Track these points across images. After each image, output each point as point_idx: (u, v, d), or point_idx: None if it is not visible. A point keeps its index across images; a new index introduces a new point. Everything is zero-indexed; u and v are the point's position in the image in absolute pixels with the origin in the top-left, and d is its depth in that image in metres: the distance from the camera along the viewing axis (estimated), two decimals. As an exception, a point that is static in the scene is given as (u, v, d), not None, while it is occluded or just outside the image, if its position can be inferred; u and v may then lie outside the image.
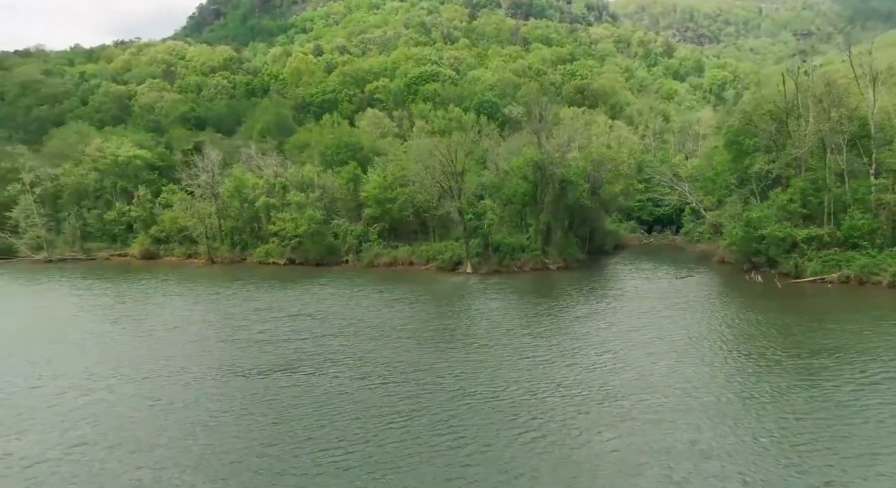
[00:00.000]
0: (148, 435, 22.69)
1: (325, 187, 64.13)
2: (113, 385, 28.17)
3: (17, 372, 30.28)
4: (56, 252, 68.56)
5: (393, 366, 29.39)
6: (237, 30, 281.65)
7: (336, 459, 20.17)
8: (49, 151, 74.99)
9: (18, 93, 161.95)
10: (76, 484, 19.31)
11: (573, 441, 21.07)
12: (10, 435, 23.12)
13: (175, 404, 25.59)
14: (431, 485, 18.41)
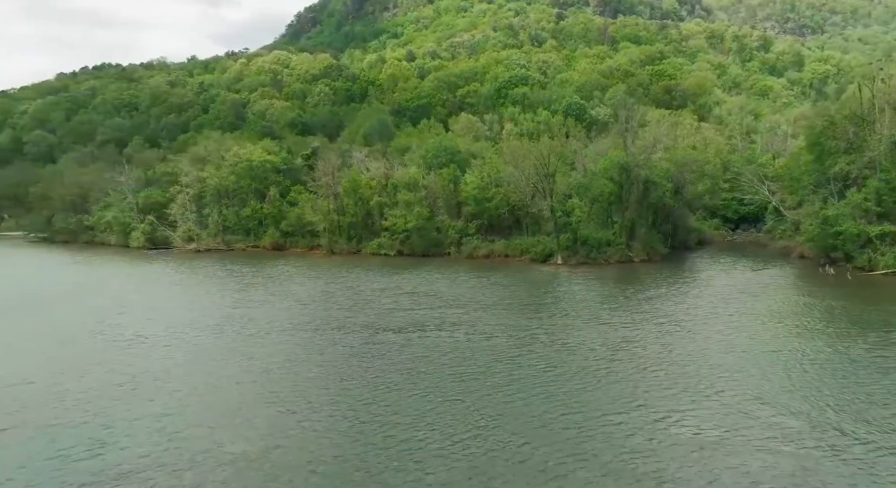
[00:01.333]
0: (336, 362, 31.89)
1: (428, 187, 73.19)
2: (288, 332, 37.93)
3: (215, 329, 40.83)
4: (203, 243, 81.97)
5: (496, 327, 37.50)
6: (332, 36, 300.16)
7: (462, 384, 28.37)
8: (192, 156, 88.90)
9: (150, 103, 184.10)
10: (272, 400, 28.55)
11: (634, 371, 28.18)
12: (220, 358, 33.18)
13: (337, 346, 34.79)
14: (530, 397, 26.12)
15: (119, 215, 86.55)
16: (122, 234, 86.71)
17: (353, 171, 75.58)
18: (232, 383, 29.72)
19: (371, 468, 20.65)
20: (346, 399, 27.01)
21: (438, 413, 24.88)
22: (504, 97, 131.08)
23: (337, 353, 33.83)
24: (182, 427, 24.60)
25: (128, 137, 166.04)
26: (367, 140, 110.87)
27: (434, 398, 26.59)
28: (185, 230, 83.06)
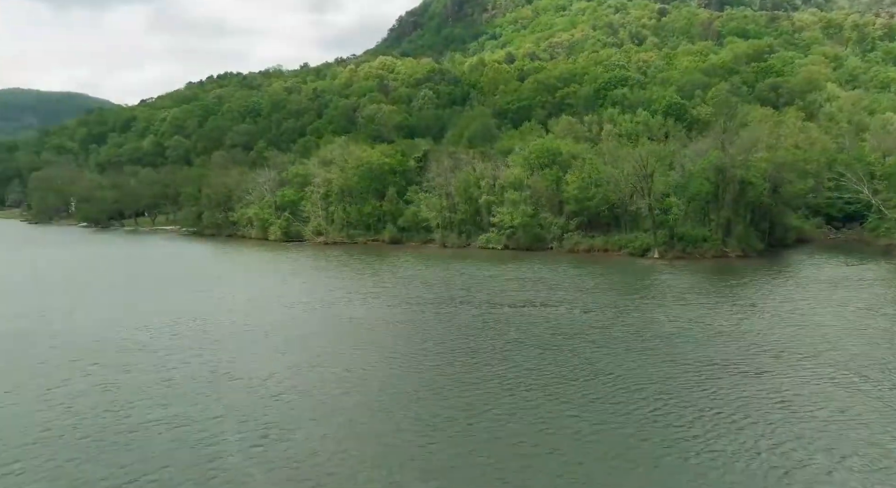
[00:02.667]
0: (464, 325, 40.46)
1: (532, 187, 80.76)
2: (421, 304, 47.02)
3: (364, 301, 50.74)
4: (330, 237, 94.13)
5: (593, 304, 44.82)
6: (433, 39, 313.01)
7: (564, 341, 35.95)
8: (321, 159, 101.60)
9: (270, 109, 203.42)
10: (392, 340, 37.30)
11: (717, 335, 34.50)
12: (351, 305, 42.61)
13: (462, 315, 43.35)
14: (618, 351, 33.22)
15: (259, 212, 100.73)
16: (262, 229, 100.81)
17: (466, 172, 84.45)
18: (389, 336, 39.07)
19: (509, 383, 28.85)
20: (477, 346, 35.43)
21: (547, 359, 32.69)
22: (603, 98, 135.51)
23: (463, 320, 42.49)
24: (359, 350, 34.06)
25: (253, 141, 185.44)
26: (472, 142, 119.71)
27: (542, 350, 34.40)
28: (315, 225, 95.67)
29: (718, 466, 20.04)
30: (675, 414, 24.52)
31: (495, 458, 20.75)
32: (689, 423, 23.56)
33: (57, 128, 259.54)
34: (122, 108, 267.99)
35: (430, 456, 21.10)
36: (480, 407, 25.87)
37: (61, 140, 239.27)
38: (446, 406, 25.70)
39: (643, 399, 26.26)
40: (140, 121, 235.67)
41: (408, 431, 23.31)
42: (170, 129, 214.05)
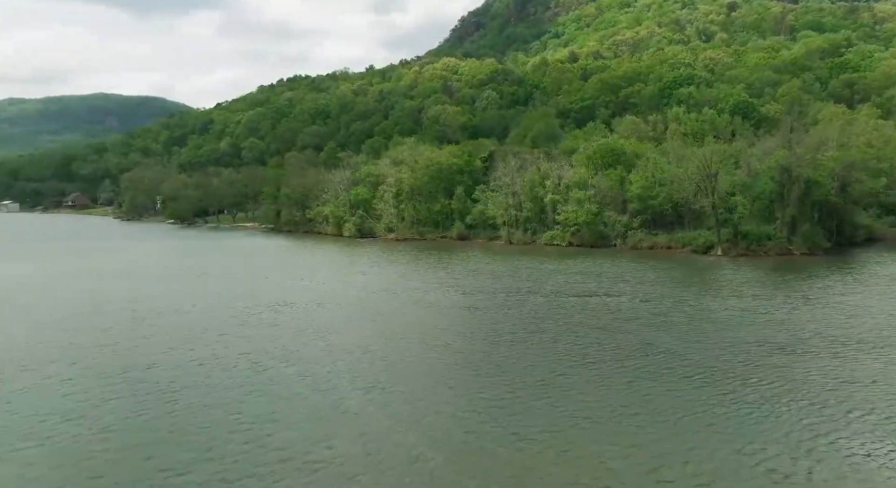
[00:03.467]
0: (533, 311, 44.90)
1: (597, 186, 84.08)
2: (491, 294, 51.62)
3: (440, 290, 55.85)
4: (401, 233, 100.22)
5: (654, 295, 48.17)
6: (495, 39, 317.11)
7: (624, 324, 39.77)
8: (392, 159, 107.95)
9: (339, 111, 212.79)
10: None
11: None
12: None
13: (529, 304, 47.69)
14: (677, 335, 36.79)
15: (335, 210, 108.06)
16: (337, 225, 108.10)
17: (531, 172, 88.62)
18: (466, 317, 43.95)
19: (579, 356, 33.18)
20: (546, 327, 39.77)
21: (609, 339, 36.57)
22: (668, 97, 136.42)
23: (531, 306, 46.79)
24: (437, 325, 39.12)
25: (323, 142, 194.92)
26: (535, 142, 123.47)
27: (603, 331, 38.27)
28: (386, 222, 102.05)
29: (765, 422, 23.77)
30: (724, 382, 28.25)
31: (586, 416, 25.16)
32: (738, 390, 27.26)
33: (142, 131, 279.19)
34: (199, 112, 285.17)
35: (516, 405, 25.68)
36: (562, 371, 30.38)
37: (146, 142, 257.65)
38: (524, 369, 30.23)
39: (698, 369, 30.09)
40: (217, 123, 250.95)
41: (496, 388, 27.98)
42: (245, 132, 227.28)
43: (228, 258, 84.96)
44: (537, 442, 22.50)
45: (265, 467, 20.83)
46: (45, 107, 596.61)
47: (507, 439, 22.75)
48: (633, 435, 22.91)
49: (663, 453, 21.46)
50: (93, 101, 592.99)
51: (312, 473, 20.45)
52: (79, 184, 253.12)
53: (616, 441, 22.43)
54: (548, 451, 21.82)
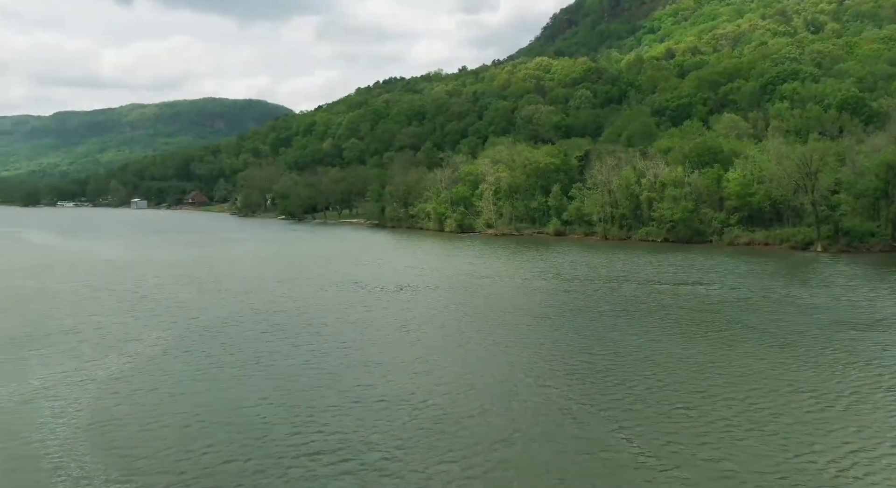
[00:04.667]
0: (629, 296, 50.09)
1: (693, 184, 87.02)
2: (588, 280, 57.06)
3: (541, 275, 61.91)
4: (499, 229, 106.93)
5: (744, 284, 51.91)
6: (587, 36, 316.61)
7: (711, 306, 44.14)
8: (490, 158, 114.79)
9: (434, 112, 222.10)
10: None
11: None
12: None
13: (624, 290, 52.75)
14: (765, 314, 40.90)
15: (437, 206, 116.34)
16: (438, 221, 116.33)
17: (627, 170, 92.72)
18: (569, 298, 49.84)
19: (673, 330, 38.38)
20: (641, 307, 44.94)
21: (694, 317, 41.28)
22: (770, 93, 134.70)
23: (626, 291, 51.84)
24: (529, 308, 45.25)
25: (419, 142, 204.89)
26: (630, 141, 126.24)
27: (692, 311, 42.92)
28: (486, 218, 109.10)
29: (828, 378, 28.27)
30: (796, 348, 32.68)
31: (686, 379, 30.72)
32: (807, 355, 31.69)
33: (251, 133, 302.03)
34: (303, 115, 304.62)
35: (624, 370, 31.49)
36: (654, 337, 35.91)
37: (255, 143, 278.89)
38: (622, 336, 35.87)
39: (772, 339, 34.68)
40: (319, 125, 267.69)
41: (603, 355, 33.84)
42: (346, 133, 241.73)
43: (346, 248, 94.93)
44: (643, 381, 28.36)
45: (405, 383, 28.07)
46: (161, 111, 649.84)
47: (614, 380, 28.75)
48: (703, 383, 28.24)
49: (731, 396, 26.76)
50: (202, 105, 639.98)
51: (458, 397, 27.45)
52: (196, 182, 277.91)
53: (695, 388, 27.89)
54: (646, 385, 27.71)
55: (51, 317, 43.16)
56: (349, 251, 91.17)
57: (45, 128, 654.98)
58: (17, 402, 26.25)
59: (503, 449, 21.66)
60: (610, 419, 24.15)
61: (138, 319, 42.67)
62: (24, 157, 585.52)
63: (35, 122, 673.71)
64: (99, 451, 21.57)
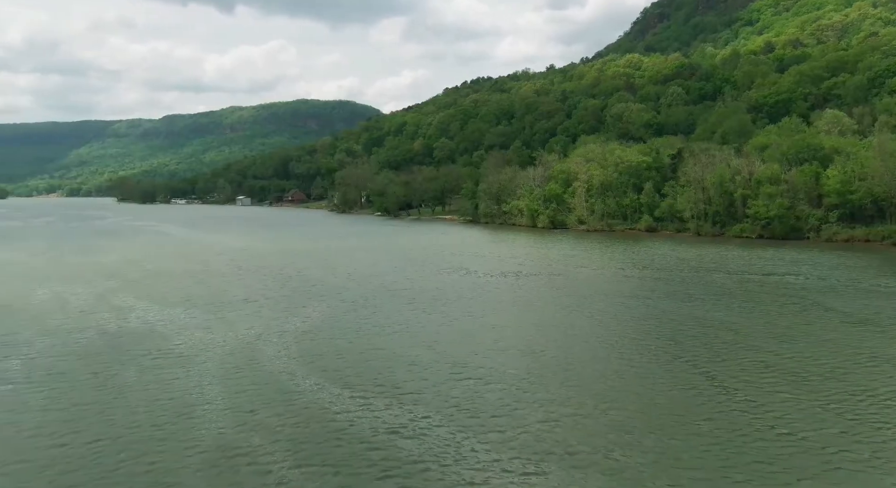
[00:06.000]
0: (723, 286, 54.34)
1: (789, 182, 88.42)
2: (678, 271, 61.34)
3: (635, 266, 66.70)
4: (591, 225, 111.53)
5: (832, 275, 54.71)
6: (679, 30, 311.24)
7: (803, 293, 47.79)
8: (582, 157, 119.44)
9: (523, 111, 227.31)
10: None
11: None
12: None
13: (716, 281, 56.80)
14: (849, 301, 44.27)
15: (530, 203, 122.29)
16: (530, 217, 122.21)
17: (721, 167, 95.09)
18: (661, 285, 54.73)
19: (766, 310, 42.85)
20: (730, 291, 49.32)
21: (778, 299, 45.27)
22: (879, 87, 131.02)
23: (716, 280, 56.17)
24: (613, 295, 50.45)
25: (508, 141, 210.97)
26: (724, 138, 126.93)
27: (774, 296, 46.82)
28: (578, 214, 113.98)
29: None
30: (870, 326, 36.54)
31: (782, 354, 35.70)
32: (877, 331, 35.62)
33: (345, 134, 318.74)
34: (394, 115, 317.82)
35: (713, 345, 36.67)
36: (735, 310, 40.72)
37: (349, 143, 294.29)
38: (707, 313, 40.80)
39: (849, 318, 38.63)
40: (409, 125, 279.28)
41: (688, 325, 38.99)
42: (436, 132, 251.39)
43: (446, 241, 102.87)
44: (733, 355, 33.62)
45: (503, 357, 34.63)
46: (258, 113, 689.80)
47: (706, 350, 34.16)
48: (777, 346, 33.01)
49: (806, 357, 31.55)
50: (296, 107, 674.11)
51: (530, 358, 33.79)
52: (294, 181, 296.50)
53: (768, 349, 32.74)
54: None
55: (227, 291, 53.24)
56: (449, 243, 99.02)
57: (156, 130, 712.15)
58: (243, 345, 35.16)
59: (608, 382, 28.08)
60: (693, 365, 30.07)
61: (295, 293, 51.89)
62: (138, 158, 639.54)
63: (147, 124, 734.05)
64: (313, 371, 29.71)
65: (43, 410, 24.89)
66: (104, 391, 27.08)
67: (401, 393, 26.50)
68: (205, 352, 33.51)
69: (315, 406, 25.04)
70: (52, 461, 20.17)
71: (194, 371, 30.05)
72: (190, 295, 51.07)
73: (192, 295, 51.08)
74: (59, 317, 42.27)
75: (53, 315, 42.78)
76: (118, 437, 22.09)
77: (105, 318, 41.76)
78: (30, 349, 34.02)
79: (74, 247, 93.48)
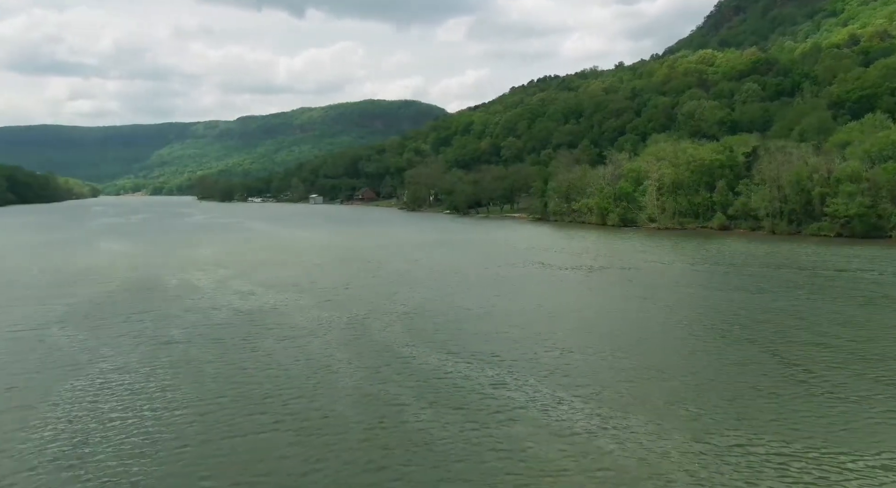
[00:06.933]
0: (791, 282, 56.49)
1: (871, 180, 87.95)
2: (750, 266, 63.46)
3: (709, 261, 69.16)
4: (661, 223, 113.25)
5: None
6: (757, 23, 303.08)
7: (878, 285, 49.54)
8: (653, 155, 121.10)
9: (592, 110, 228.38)
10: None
11: None
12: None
13: (784, 277, 58.79)
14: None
15: (600, 201, 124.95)
16: (600, 215, 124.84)
17: (799, 165, 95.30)
18: (736, 280, 57.33)
19: (842, 299, 45.29)
20: (802, 284, 51.52)
21: (849, 292, 47.25)
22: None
23: (787, 276, 58.07)
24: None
25: (576, 140, 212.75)
26: (803, 135, 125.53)
27: (844, 290, 48.75)
28: (649, 212, 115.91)
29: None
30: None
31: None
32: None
33: (413, 133, 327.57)
34: (461, 115, 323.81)
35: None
36: (805, 302, 43.43)
37: (417, 143, 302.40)
38: (778, 302, 43.61)
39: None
40: (477, 124, 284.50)
41: (754, 310, 42.02)
42: (503, 132, 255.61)
43: (518, 238, 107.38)
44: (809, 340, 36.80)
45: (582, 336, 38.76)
46: (326, 113, 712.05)
47: (776, 331, 37.43)
48: (836, 330, 35.86)
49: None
50: (363, 107, 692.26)
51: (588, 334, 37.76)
52: (364, 180, 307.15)
53: (828, 332, 35.64)
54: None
55: (325, 278, 59.99)
56: (521, 240, 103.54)
57: (231, 131, 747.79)
58: (354, 322, 41.10)
59: (680, 354, 32.19)
60: (757, 343, 33.73)
61: (386, 282, 57.90)
62: (214, 158, 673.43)
63: (223, 125, 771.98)
64: (419, 342, 35.06)
65: (214, 362, 31.28)
66: (257, 352, 33.34)
67: (499, 360, 31.46)
68: (324, 326, 39.54)
69: (428, 366, 30.34)
70: (236, 398, 26.22)
71: (320, 340, 36.02)
72: (295, 281, 57.84)
73: (296, 281, 57.83)
74: (194, 297, 49.60)
75: (189, 296, 50.19)
76: (282, 383, 28.06)
77: (231, 300, 48.75)
78: (182, 321, 41.02)
79: (179, 241, 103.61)
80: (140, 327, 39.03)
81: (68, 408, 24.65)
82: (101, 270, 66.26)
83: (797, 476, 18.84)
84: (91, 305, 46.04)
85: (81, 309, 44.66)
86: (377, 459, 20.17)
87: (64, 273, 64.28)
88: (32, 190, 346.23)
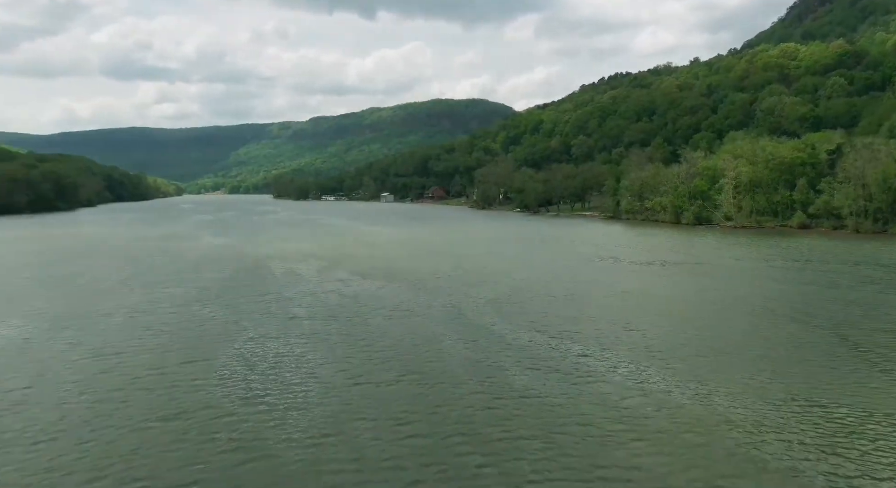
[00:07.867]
0: (842, 270, 57.37)
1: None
2: (824, 263, 64.24)
3: (788, 258, 70.21)
4: (738, 222, 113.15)
5: None
6: (845, 13, 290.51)
7: None
8: (730, 153, 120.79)
9: (666, 107, 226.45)
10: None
11: None
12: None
13: (859, 270, 59.45)
14: None
15: (674, 199, 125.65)
16: (674, 214, 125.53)
17: (887, 162, 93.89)
18: (800, 275, 58.77)
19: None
20: (874, 279, 52.66)
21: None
22: None
23: (859, 272, 58.89)
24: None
25: (649, 138, 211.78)
26: (892, 132, 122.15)
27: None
28: (725, 211, 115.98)
29: None
30: None
31: None
32: None
33: (482, 132, 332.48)
34: (531, 114, 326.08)
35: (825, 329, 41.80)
36: (876, 295, 45.05)
37: (486, 142, 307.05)
38: (850, 293, 45.37)
39: None
40: (546, 123, 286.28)
41: (818, 300, 44.04)
42: (573, 130, 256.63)
43: (590, 235, 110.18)
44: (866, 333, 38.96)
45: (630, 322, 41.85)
46: (395, 113, 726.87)
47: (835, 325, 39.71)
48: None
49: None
50: (431, 107, 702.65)
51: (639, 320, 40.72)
52: (433, 178, 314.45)
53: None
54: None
55: (413, 270, 65.24)
56: (594, 237, 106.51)
57: (304, 131, 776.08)
58: (448, 306, 45.96)
59: (752, 337, 35.17)
60: (824, 328, 36.27)
61: (469, 274, 62.63)
62: (287, 158, 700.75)
63: (296, 126, 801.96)
64: (508, 322, 39.46)
65: (336, 334, 36.85)
66: (369, 327, 38.75)
67: (584, 337, 35.57)
68: (423, 307, 44.65)
69: (521, 341, 34.77)
70: (363, 361, 31.51)
71: (422, 318, 41.09)
72: (386, 271, 63.48)
73: (388, 271, 63.47)
74: (301, 284, 55.92)
75: (297, 282, 56.59)
76: (398, 349, 33.23)
77: (334, 286, 54.70)
78: (299, 301, 47.12)
79: (270, 236, 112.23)
80: (265, 306, 45.32)
81: (236, 364, 30.61)
82: (213, 259, 74.32)
83: (869, 435, 22.08)
84: (218, 288, 53.10)
85: (212, 290, 51.72)
86: (492, 406, 24.82)
87: (185, 260, 72.78)
88: (126, 189, 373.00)
